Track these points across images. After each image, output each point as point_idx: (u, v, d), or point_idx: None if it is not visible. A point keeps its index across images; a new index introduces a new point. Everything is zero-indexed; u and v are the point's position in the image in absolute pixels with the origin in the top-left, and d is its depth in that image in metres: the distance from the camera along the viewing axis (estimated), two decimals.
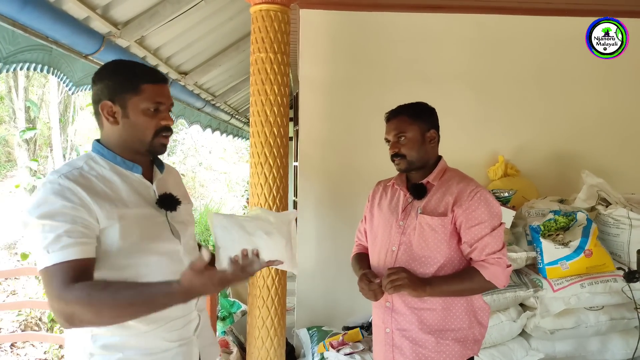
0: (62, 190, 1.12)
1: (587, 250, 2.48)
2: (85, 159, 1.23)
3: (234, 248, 1.27)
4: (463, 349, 1.61)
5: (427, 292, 1.54)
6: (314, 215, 3.19)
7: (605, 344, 2.57)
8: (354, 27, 3.16)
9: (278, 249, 1.35)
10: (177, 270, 1.16)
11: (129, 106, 1.20)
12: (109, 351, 1.17)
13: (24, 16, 2.02)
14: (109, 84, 1.21)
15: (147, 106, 1.21)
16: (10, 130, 8.34)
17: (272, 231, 1.34)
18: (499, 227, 1.58)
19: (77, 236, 1.09)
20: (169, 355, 1.25)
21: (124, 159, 1.24)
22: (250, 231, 1.31)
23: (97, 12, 2.52)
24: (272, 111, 2.55)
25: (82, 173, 1.18)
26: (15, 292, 6.24)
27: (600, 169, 2.99)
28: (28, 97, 7.27)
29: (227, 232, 1.30)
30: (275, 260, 1.32)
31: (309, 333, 2.96)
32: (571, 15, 3.14)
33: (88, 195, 1.13)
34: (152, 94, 1.21)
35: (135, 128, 1.22)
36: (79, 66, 2.66)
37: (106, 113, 1.21)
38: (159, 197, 1.28)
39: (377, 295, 1.59)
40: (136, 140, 1.23)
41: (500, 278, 1.55)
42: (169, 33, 3.28)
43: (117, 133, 1.23)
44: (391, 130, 1.67)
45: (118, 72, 1.22)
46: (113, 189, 1.20)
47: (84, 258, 1.10)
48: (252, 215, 1.39)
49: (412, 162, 1.64)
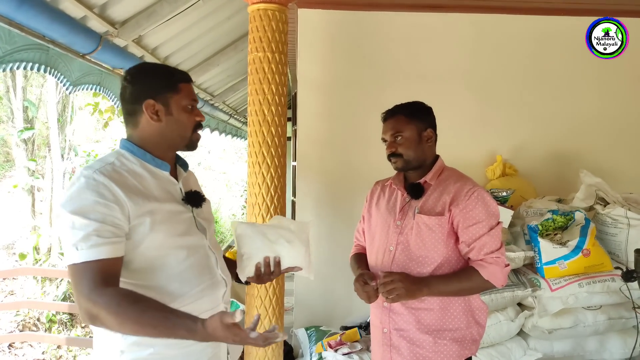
0: (97, 185, 1.14)
1: (585, 250, 2.48)
2: (115, 155, 1.27)
3: (257, 255, 1.34)
4: (461, 349, 1.61)
5: (424, 293, 1.54)
6: (312, 215, 3.19)
7: (604, 343, 2.57)
8: (352, 26, 3.15)
9: (298, 256, 1.40)
10: (204, 264, 1.29)
11: (172, 104, 1.27)
12: (140, 347, 1.19)
13: (21, 15, 2.01)
14: (149, 84, 1.27)
15: (187, 103, 1.29)
16: (8, 130, 8.33)
17: (293, 239, 1.39)
18: (496, 227, 1.58)
19: (107, 235, 1.12)
20: (198, 349, 1.26)
21: (154, 156, 1.29)
22: (272, 239, 1.36)
23: (95, 11, 2.51)
24: (270, 111, 2.54)
25: (115, 168, 1.21)
26: (13, 292, 6.23)
27: (598, 168, 2.99)
28: (26, 97, 7.25)
29: (250, 240, 1.35)
30: (294, 267, 1.39)
31: (307, 333, 2.96)
32: (569, 15, 3.14)
33: (122, 191, 1.16)
34: (188, 92, 1.31)
35: (177, 124, 1.29)
36: (76, 66, 2.65)
37: (150, 112, 1.26)
38: (185, 194, 1.33)
39: (371, 297, 1.59)
40: (177, 136, 1.30)
41: (498, 277, 1.55)
42: (166, 32, 3.27)
43: (158, 130, 1.28)
44: (388, 130, 1.67)
45: (156, 73, 1.30)
46: (144, 184, 1.24)
47: (113, 257, 1.12)
48: (273, 224, 1.43)
49: (409, 161, 1.64)
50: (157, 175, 1.29)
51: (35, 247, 6.22)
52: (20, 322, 5.67)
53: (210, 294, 1.31)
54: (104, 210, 1.12)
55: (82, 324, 6.23)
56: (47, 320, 5.83)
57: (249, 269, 1.37)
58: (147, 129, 1.28)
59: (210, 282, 1.31)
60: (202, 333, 1.07)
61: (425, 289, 1.53)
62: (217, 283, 1.33)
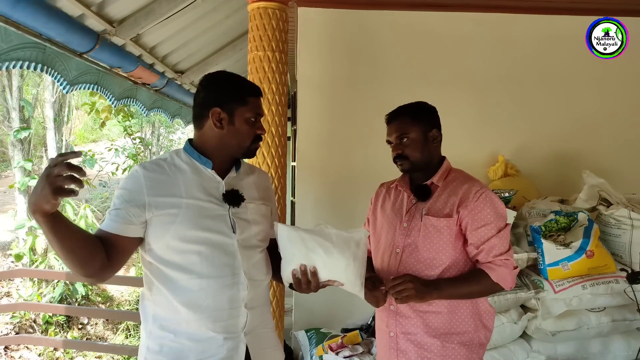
0: (132, 176, 1.31)
1: (589, 251, 2.46)
2: (172, 152, 1.41)
3: (293, 261, 1.32)
4: (469, 353, 1.58)
5: (433, 296, 1.51)
6: (312, 216, 3.15)
7: (607, 345, 2.54)
8: (352, 25, 3.13)
9: (338, 269, 1.33)
10: (226, 263, 1.32)
11: (236, 115, 1.35)
12: (164, 331, 1.31)
13: (17, 13, 1.99)
14: (219, 92, 1.35)
15: (250, 116, 1.36)
16: (4, 129, 8.27)
17: (332, 250, 1.31)
18: (505, 228, 1.56)
19: (120, 216, 1.27)
20: (214, 345, 1.30)
21: (200, 154, 1.37)
22: (310, 247, 1.31)
23: (92, 9, 2.48)
24: (270, 110, 2.51)
25: (160, 162, 1.35)
26: (9, 294, 6.18)
27: (601, 169, 2.97)
28: (22, 97, 7.19)
29: (288, 244, 1.33)
30: (335, 281, 1.34)
31: (308, 335, 2.93)
32: (571, 14, 3.12)
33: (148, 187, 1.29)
34: (254, 106, 1.38)
35: (238, 134, 1.36)
36: (73, 65, 2.63)
37: (215, 119, 1.34)
38: (225, 192, 1.37)
39: (380, 301, 1.57)
40: (235, 145, 1.37)
41: (507, 280, 1.53)
42: (164, 31, 3.24)
43: (218, 137, 1.36)
44: (393, 132, 1.64)
45: (229, 83, 1.37)
46: (180, 178, 1.33)
47: (115, 233, 1.27)
48: (315, 230, 1.37)
49: (416, 162, 1.62)
50: (201, 172, 1.37)
51: (32, 248, 6.16)
52: (16, 324, 5.62)
53: (229, 293, 1.32)
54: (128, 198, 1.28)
55: (79, 326, 6.18)
56: (44, 322, 5.78)
57: (287, 274, 1.35)
58: (209, 133, 1.36)
59: (231, 281, 1.33)
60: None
61: (435, 292, 1.50)
62: (238, 284, 1.34)
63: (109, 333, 6.29)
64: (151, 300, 1.33)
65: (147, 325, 1.33)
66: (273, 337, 1.49)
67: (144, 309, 1.36)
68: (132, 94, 3.66)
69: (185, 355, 1.29)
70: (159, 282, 1.30)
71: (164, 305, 1.31)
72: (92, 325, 6.30)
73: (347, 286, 1.36)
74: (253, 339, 1.38)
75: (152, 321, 1.32)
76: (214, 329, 1.31)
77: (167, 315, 1.31)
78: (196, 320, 1.29)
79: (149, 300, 1.34)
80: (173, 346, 1.29)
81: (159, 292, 1.31)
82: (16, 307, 4.69)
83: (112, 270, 1.26)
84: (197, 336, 1.30)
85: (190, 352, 1.30)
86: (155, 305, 1.32)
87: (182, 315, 1.29)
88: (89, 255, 1.19)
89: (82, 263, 1.18)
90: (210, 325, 1.30)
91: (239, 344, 1.34)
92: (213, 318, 1.30)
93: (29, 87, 7.98)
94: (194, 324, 1.30)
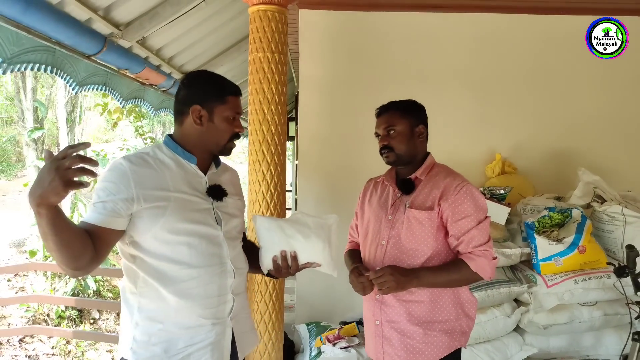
0: (117, 169, 1.30)
1: (581, 247, 2.50)
2: (153, 147, 1.42)
3: (274, 249, 1.41)
4: (450, 340, 1.65)
5: (414, 284, 1.58)
6: (313, 213, 3.21)
7: (600, 339, 2.59)
8: (352, 26, 3.20)
9: (315, 252, 1.44)
10: (214, 252, 1.39)
11: (215, 112, 1.39)
12: (151, 322, 1.33)
13: (27, 18, 2.08)
14: (200, 90, 1.40)
15: (229, 114, 1.41)
16: (19, 130, 8.47)
17: (310, 235, 1.43)
18: (484, 221, 1.62)
19: (107, 209, 1.26)
20: (203, 331, 1.37)
21: (184, 150, 1.41)
22: (289, 233, 1.42)
23: (99, 13, 2.58)
24: (270, 110, 2.59)
25: (144, 157, 1.36)
26: (23, 288, 6.36)
27: (597, 166, 3.01)
28: (36, 98, 7.38)
29: (268, 233, 1.43)
30: (313, 263, 1.44)
31: (308, 328, 3.01)
32: (568, 14, 3.16)
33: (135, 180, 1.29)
34: (233, 105, 1.42)
35: (216, 131, 1.41)
36: (82, 66, 2.73)
37: (195, 116, 1.38)
38: (209, 187, 1.43)
39: (366, 289, 1.63)
40: (213, 142, 1.42)
41: (486, 270, 1.59)
42: (170, 34, 3.34)
43: (198, 133, 1.40)
44: (381, 124, 1.71)
45: (209, 82, 1.42)
46: (166, 173, 1.36)
47: (101, 226, 1.27)
48: (292, 219, 1.48)
49: (401, 155, 1.68)
50: (185, 167, 1.40)
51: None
52: (30, 318, 5.79)
53: (219, 281, 1.40)
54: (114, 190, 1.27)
55: (91, 320, 6.34)
56: (57, 316, 5.94)
57: (267, 261, 1.44)
58: (189, 129, 1.41)
59: (219, 270, 1.40)
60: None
61: (415, 280, 1.57)
62: (226, 272, 1.41)
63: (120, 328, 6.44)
64: (136, 293, 1.34)
65: (133, 317, 1.34)
66: (251, 321, 1.59)
67: (127, 301, 1.36)
68: (139, 94, 3.77)
69: (175, 342, 1.33)
70: (146, 274, 1.32)
71: (151, 296, 1.32)
72: (103, 320, 6.46)
73: (324, 267, 1.47)
74: (237, 323, 1.46)
75: (138, 312, 1.33)
76: (204, 315, 1.36)
77: (155, 306, 1.33)
78: (187, 309, 1.34)
79: (133, 293, 1.35)
80: (162, 335, 1.33)
81: (146, 283, 1.32)
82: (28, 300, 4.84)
83: (98, 263, 1.27)
84: (187, 324, 1.35)
85: (180, 339, 1.34)
86: (142, 297, 1.33)
87: (172, 305, 1.33)
88: (81, 248, 1.19)
89: (75, 256, 1.19)
90: (200, 312, 1.36)
91: (226, 328, 1.42)
92: (203, 305, 1.36)
93: (42, 89, 8.18)
94: (184, 312, 1.34)
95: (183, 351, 1.34)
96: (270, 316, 2.66)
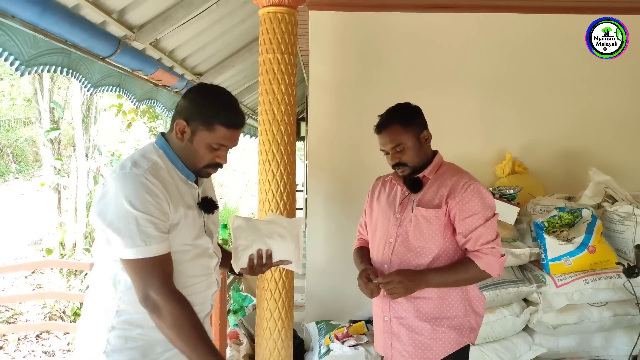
0: (150, 185, 1.24)
1: (591, 247, 2.49)
2: (157, 154, 1.34)
3: (252, 247, 1.46)
4: (459, 336, 1.67)
5: (422, 287, 1.61)
6: (322, 212, 3.26)
7: (610, 340, 2.57)
8: (362, 27, 3.22)
9: (288, 251, 1.51)
10: (206, 265, 1.40)
11: (197, 135, 1.32)
12: (130, 325, 1.29)
13: (44, 21, 2.14)
14: (194, 106, 1.32)
15: (212, 142, 1.32)
16: (36, 130, 8.65)
17: (285, 234, 1.50)
18: (492, 218, 1.63)
19: (166, 231, 1.25)
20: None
21: (184, 165, 1.36)
22: (266, 233, 1.48)
23: (113, 16, 2.64)
24: (280, 110, 2.62)
25: (159, 170, 1.30)
26: (40, 285, 6.49)
27: (608, 166, 2.98)
28: (52, 99, 7.53)
29: (245, 233, 1.47)
30: (285, 260, 1.50)
31: (318, 327, 3.04)
32: (578, 13, 3.14)
33: (168, 193, 1.27)
34: (221, 136, 1.32)
35: (193, 153, 1.34)
36: (96, 68, 2.80)
37: (177, 129, 1.33)
38: (201, 200, 1.40)
39: (374, 293, 1.66)
40: (189, 162, 1.36)
41: (494, 267, 1.60)
42: (182, 36, 3.40)
43: (178, 146, 1.35)
44: (387, 143, 1.69)
45: (207, 103, 1.32)
46: (179, 188, 1.33)
47: (169, 252, 1.27)
48: (267, 219, 1.54)
49: (415, 166, 1.70)
50: (185, 180, 1.37)
51: (61, 242, 6.46)
52: (46, 315, 5.92)
53: (205, 290, 1.42)
54: (161, 209, 1.24)
55: None
56: (72, 313, 6.06)
57: (243, 260, 1.48)
58: (173, 139, 1.36)
59: (207, 281, 1.42)
60: None
61: (423, 283, 1.60)
62: (212, 284, 1.45)
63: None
64: (115, 298, 1.29)
65: (108, 320, 1.29)
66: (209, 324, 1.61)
67: (100, 305, 1.31)
68: (153, 95, 3.84)
69: (152, 346, 1.31)
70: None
71: (133, 301, 1.27)
72: None
73: (294, 264, 1.54)
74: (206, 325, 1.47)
75: (116, 316, 1.29)
76: None
77: (136, 310, 1.28)
78: None
79: (112, 298, 1.29)
80: (140, 339, 1.30)
81: (128, 288, 1.27)
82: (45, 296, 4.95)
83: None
84: None
85: (158, 343, 1.31)
86: (122, 301, 1.29)
87: None
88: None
89: None
90: None
91: None
92: None
93: (58, 90, 8.33)
94: None
95: (161, 355, 1.33)
96: (280, 314, 2.69)
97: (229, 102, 1.34)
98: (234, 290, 3.84)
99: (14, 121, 10.47)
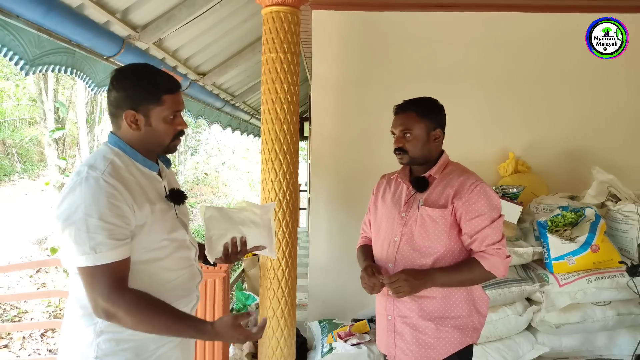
0: (109, 187, 1.19)
1: (594, 246, 2.49)
2: (113, 153, 1.29)
3: (225, 236, 1.46)
4: (462, 336, 1.66)
5: (427, 286, 1.60)
6: (325, 212, 3.27)
7: (613, 339, 2.57)
8: (364, 26, 3.22)
9: (262, 236, 1.52)
10: (186, 257, 1.39)
11: (152, 115, 1.28)
12: (119, 328, 1.24)
13: (48, 21, 2.15)
14: (131, 93, 1.27)
15: (168, 114, 1.30)
16: (41, 130, 8.69)
17: (258, 221, 1.50)
18: (498, 219, 1.62)
19: (121, 237, 1.20)
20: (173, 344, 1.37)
21: (144, 157, 1.33)
22: (239, 221, 1.48)
23: (117, 16, 2.65)
24: (282, 109, 2.63)
25: (117, 169, 1.25)
26: (45, 284, 6.52)
27: (612, 165, 2.98)
28: (57, 99, 7.56)
29: (218, 222, 1.46)
30: (259, 246, 1.51)
31: (320, 325, 3.05)
32: (583, 12, 3.13)
33: (129, 194, 1.22)
34: (171, 104, 1.30)
35: (156, 134, 1.30)
36: (100, 68, 2.81)
37: (129, 121, 1.28)
38: (169, 192, 1.38)
39: (375, 289, 1.65)
40: (156, 144, 1.33)
41: (499, 268, 1.60)
42: (186, 35, 3.41)
43: (137, 137, 1.31)
44: (398, 125, 1.70)
45: (140, 83, 1.28)
46: (141, 185, 1.29)
47: (126, 258, 1.23)
48: (239, 207, 1.53)
49: (414, 158, 1.69)
50: (148, 175, 1.33)
51: None
52: (51, 313, 5.95)
53: (189, 282, 1.41)
54: (118, 213, 1.19)
55: None
56: None
57: (218, 249, 1.48)
58: (127, 134, 1.31)
59: (189, 273, 1.41)
60: (211, 332, 1.22)
61: (429, 283, 1.59)
62: (194, 275, 1.44)
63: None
64: None
65: (96, 325, 1.25)
66: None
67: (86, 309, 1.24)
68: None
69: (145, 344, 1.29)
70: None
71: None
72: None
73: (267, 249, 1.54)
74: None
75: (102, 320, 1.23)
76: None
77: None
78: None
79: None
80: (131, 339, 1.27)
81: None
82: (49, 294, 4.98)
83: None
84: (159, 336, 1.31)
85: (150, 341, 1.30)
86: None
87: None
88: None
89: None
90: None
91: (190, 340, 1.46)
92: (179, 306, 1.32)
93: (63, 90, 8.38)
94: None
95: (155, 351, 1.32)
96: (282, 313, 2.70)
97: (155, 71, 1.32)
98: (237, 289, 3.85)
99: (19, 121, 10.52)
